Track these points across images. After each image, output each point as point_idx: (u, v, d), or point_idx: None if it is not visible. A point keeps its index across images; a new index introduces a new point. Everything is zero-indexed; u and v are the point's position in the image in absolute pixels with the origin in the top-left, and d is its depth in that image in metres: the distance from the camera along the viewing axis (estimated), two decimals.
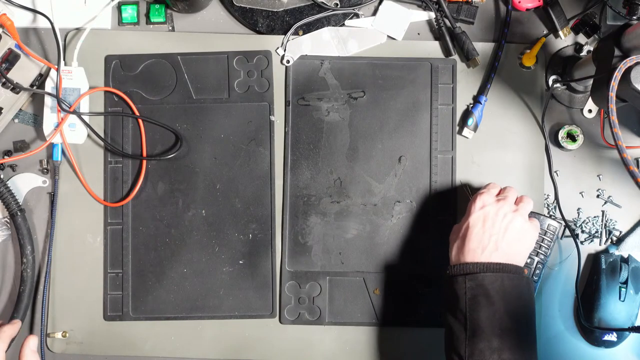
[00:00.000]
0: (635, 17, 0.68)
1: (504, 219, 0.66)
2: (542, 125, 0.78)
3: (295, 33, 0.78)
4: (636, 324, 0.75)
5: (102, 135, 0.77)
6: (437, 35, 0.79)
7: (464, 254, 0.66)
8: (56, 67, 0.74)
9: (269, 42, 0.78)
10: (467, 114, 0.77)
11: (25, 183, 0.77)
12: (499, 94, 0.78)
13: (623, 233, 0.78)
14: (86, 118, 0.76)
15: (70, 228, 0.76)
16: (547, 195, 0.78)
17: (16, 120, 0.78)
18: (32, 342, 0.66)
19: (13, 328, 0.68)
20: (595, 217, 0.78)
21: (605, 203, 0.78)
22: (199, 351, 0.76)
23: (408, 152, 0.77)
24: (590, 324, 0.75)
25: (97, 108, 0.77)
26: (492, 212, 0.66)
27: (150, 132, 0.77)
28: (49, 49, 0.78)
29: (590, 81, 0.70)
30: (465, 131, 0.77)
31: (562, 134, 0.77)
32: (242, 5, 0.78)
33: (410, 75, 0.78)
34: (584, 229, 0.78)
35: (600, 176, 0.78)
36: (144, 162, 0.76)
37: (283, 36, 0.78)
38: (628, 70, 0.59)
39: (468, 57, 0.77)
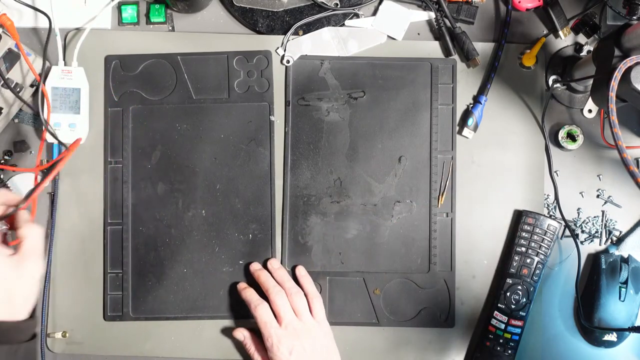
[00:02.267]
0: (635, 17, 0.68)
1: (313, 354, 0.69)
2: (542, 125, 0.78)
3: (295, 33, 0.78)
4: (636, 324, 0.75)
5: (102, 135, 0.77)
6: (437, 35, 0.79)
7: None
8: (44, 83, 0.74)
9: (269, 42, 0.78)
10: (467, 114, 0.77)
11: (25, 183, 0.77)
12: (499, 94, 0.78)
13: (623, 233, 0.78)
14: (86, 119, 0.76)
15: (70, 228, 0.76)
16: (547, 195, 0.78)
17: (16, 120, 0.78)
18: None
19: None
20: (595, 217, 0.78)
21: (605, 203, 0.78)
22: (199, 351, 0.76)
23: (408, 152, 0.77)
24: (590, 324, 0.75)
25: (97, 108, 0.77)
26: (303, 356, 0.68)
27: (150, 132, 0.77)
28: (49, 49, 0.78)
29: (590, 81, 0.70)
30: (465, 131, 0.77)
31: (562, 134, 0.77)
32: (242, 5, 0.78)
33: (410, 75, 0.78)
34: (584, 229, 0.78)
35: (600, 176, 0.78)
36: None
37: (283, 36, 0.78)
38: (628, 70, 0.59)
39: (468, 57, 0.77)
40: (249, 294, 0.73)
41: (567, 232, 0.77)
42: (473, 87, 0.78)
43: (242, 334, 0.73)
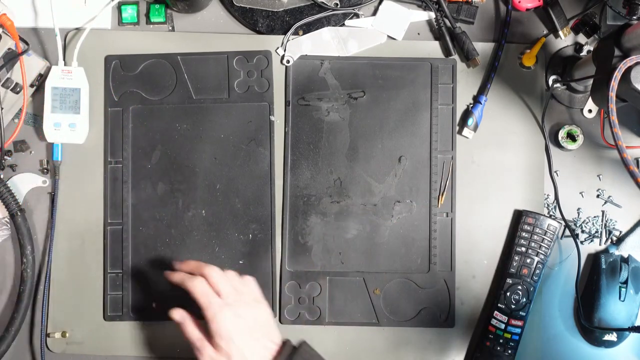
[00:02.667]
0: (635, 17, 0.68)
1: (255, 326, 0.65)
2: (542, 125, 0.78)
3: (295, 33, 0.78)
4: (636, 324, 0.75)
5: (102, 135, 0.77)
6: (437, 35, 0.79)
7: None
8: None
9: (269, 42, 0.78)
10: (467, 114, 0.77)
11: (25, 183, 0.77)
12: (499, 94, 0.78)
13: (623, 233, 0.78)
14: (86, 119, 0.76)
15: (70, 228, 0.76)
16: (547, 195, 0.78)
17: (16, 120, 0.78)
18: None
19: None
20: (595, 217, 0.78)
21: (605, 203, 0.78)
22: None
23: (408, 152, 0.77)
24: (590, 324, 0.75)
25: (97, 108, 0.77)
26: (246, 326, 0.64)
27: (150, 132, 0.77)
28: (49, 49, 0.78)
29: (590, 81, 0.70)
30: (465, 131, 0.77)
31: (562, 134, 0.77)
32: (242, 5, 0.78)
33: (410, 75, 0.78)
34: (584, 229, 0.78)
35: (600, 176, 0.78)
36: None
37: (283, 36, 0.78)
38: (628, 70, 0.59)
39: (468, 57, 0.77)
40: (180, 274, 0.68)
41: (567, 232, 0.77)
42: (473, 87, 0.78)
43: (180, 314, 0.67)
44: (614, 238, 0.78)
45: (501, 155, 0.78)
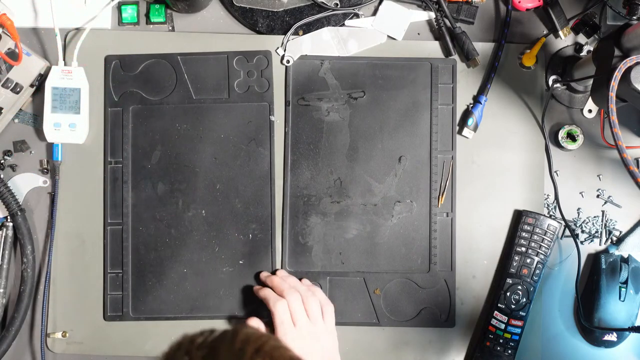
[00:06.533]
0: (635, 17, 0.68)
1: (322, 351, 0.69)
2: (542, 125, 0.78)
3: (295, 33, 0.78)
4: (636, 324, 0.75)
5: (102, 135, 0.77)
6: (437, 35, 0.79)
7: None
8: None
9: (269, 42, 0.78)
10: (467, 114, 0.77)
11: (25, 183, 0.77)
12: (499, 94, 0.78)
13: (623, 233, 0.78)
14: (86, 119, 0.76)
15: (70, 228, 0.76)
16: (547, 195, 0.78)
17: (16, 120, 0.78)
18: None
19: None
20: (595, 217, 0.78)
21: (605, 203, 0.78)
22: None
23: (408, 152, 0.77)
24: (590, 324, 0.75)
25: (97, 108, 0.77)
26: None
27: (150, 132, 0.77)
28: (49, 49, 0.78)
29: (590, 81, 0.70)
30: (465, 131, 0.77)
31: (562, 134, 0.77)
32: (242, 5, 0.78)
33: (410, 75, 0.78)
34: (584, 229, 0.78)
35: (600, 176, 0.78)
36: None
37: (283, 36, 0.78)
38: (628, 70, 0.59)
39: (468, 57, 0.77)
40: (267, 291, 0.72)
41: (567, 232, 0.77)
42: (473, 87, 0.78)
43: (257, 324, 0.70)
44: (614, 238, 0.78)
45: (501, 155, 0.78)
